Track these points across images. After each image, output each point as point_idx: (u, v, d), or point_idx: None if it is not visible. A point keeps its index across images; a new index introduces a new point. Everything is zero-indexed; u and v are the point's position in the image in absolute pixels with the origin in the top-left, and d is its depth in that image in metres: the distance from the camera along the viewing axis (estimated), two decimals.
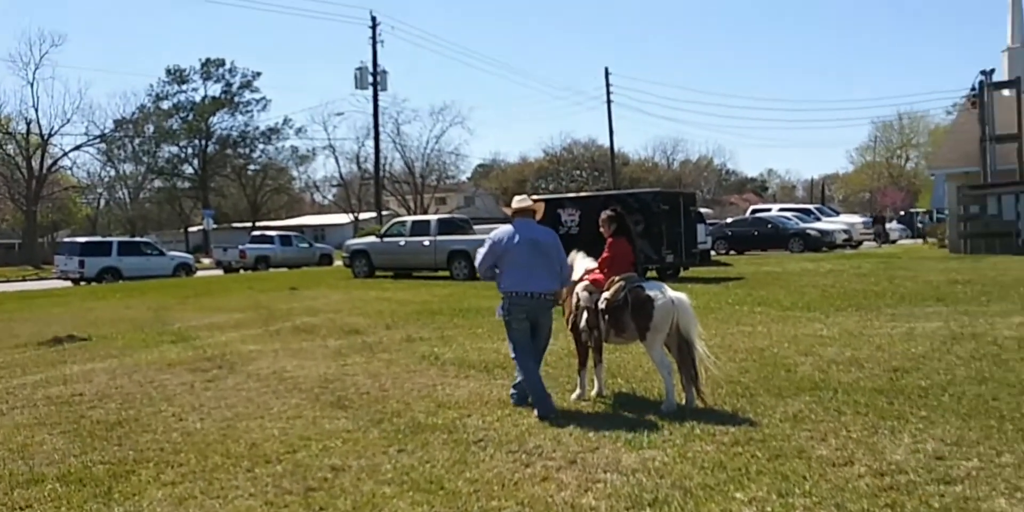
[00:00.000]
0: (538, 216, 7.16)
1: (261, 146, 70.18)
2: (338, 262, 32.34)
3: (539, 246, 6.80)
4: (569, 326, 7.17)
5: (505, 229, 6.96)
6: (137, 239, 42.09)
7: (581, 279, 7.06)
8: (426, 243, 23.61)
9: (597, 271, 6.99)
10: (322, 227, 71.72)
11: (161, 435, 6.31)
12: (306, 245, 39.38)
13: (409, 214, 56.00)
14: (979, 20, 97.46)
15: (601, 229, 7.17)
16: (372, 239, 25.89)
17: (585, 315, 6.88)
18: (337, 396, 7.44)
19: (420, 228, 24.32)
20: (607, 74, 50.54)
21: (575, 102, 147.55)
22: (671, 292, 6.59)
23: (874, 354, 8.43)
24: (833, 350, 8.75)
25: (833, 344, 9.18)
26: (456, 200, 75.01)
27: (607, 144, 54.80)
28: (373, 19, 41.58)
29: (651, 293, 6.57)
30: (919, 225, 41.46)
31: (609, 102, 50.25)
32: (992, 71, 26.67)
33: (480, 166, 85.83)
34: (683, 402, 6.52)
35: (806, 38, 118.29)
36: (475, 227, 27.26)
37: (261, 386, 8.05)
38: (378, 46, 41.48)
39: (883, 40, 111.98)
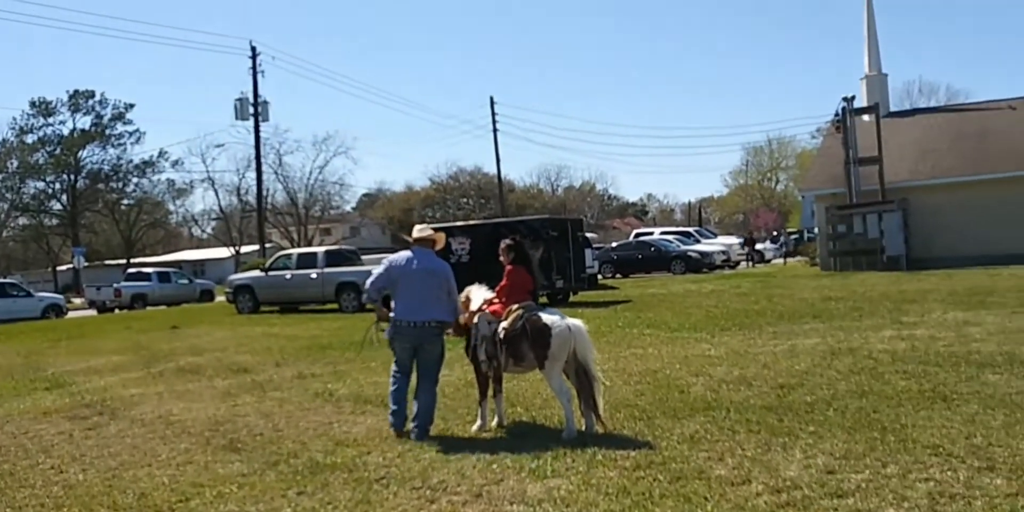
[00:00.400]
0: (439, 246, 7.24)
1: (135, 180, 67.38)
2: (220, 298, 31.22)
3: (433, 276, 6.93)
4: (469, 356, 7.14)
5: (403, 255, 7.07)
6: (1, 280, 39.48)
7: (480, 309, 7.04)
8: (313, 276, 23.11)
9: (497, 301, 7.00)
10: (202, 262, 69.27)
11: (40, 489, 5.89)
12: (186, 281, 37.90)
13: (293, 246, 54.72)
14: (841, 50, 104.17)
15: (501, 258, 7.19)
16: (256, 273, 25.15)
17: (484, 345, 6.87)
18: (229, 439, 7.13)
19: (307, 260, 23.80)
20: (492, 103, 51.22)
21: (461, 131, 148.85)
22: (568, 319, 6.65)
23: (761, 372, 8.73)
24: (722, 370, 9.02)
25: (722, 364, 9.46)
26: (341, 231, 73.89)
27: (493, 172, 55.37)
28: (253, 49, 40.80)
29: (548, 321, 6.61)
30: (780, 246, 43.49)
31: (495, 130, 50.88)
32: (853, 98, 28.47)
33: (365, 196, 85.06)
34: (583, 428, 6.56)
35: (681, 66, 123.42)
36: (363, 258, 26.89)
37: (147, 432, 7.64)
38: (259, 76, 40.68)
39: (753, 69, 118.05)
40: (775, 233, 56.58)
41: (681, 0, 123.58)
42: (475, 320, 7.02)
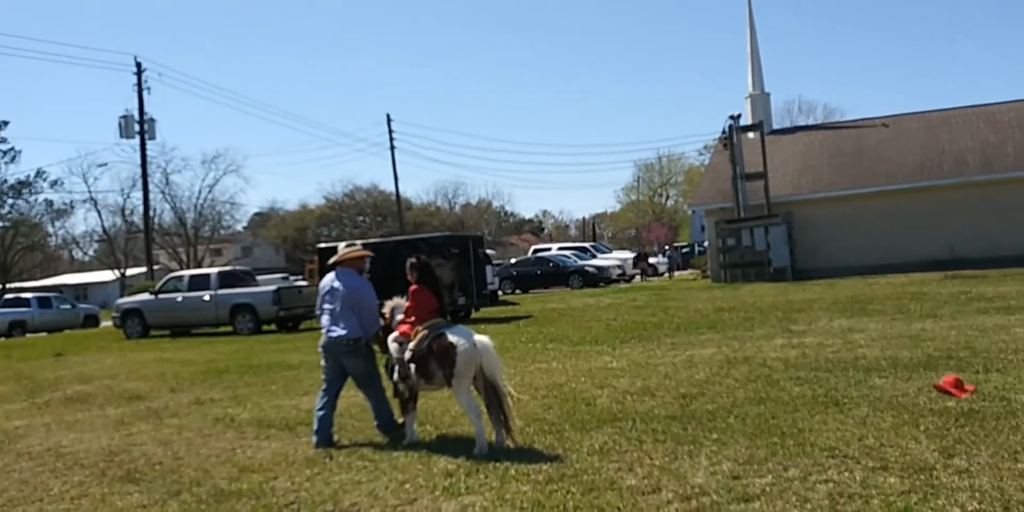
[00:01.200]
0: (357, 265, 7.63)
1: (10, 201, 63.50)
2: (107, 323, 29.81)
3: (344, 293, 7.23)
4: (388, 375, 7.20)
5: (329, 276, 7.53)
6: None
7: (396, 329, 7.07)
8: (206, 298, 22.35)
9: (406, 321, 6.98)
10: (84, 286, 65.92)
11: None
12: (68, 306, 35.96)
13: (182, 268, 52.75)
14: (728, 69, 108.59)
15: (408, 277, 7.17)
16: (145, 296, 24.14)
17: (398, 366, 6.88)
18: (126, 469, 6.79)
19: (199, 282, 23.00)
20: (389, 120, 50.91)
21: (356, 149, 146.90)
22: (474, 337, 6.66)
23: (663, 382, 8.94)
24: (625, 381, 9.19)
25: (624, 375, 9.64)
26: (233, 251, 71.74)
27: (390, 189, 55.04)
28: (138, 65, 39.36)
29: (453, 339, 6.62)
30: (664, 259, 44.73)
31: (393, 148, 50.56)
32: (739, 115, 29.69)
33: (258, 215, 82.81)
34: (494, 444, 6.57)
35: (573, 84, 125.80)
36: (258, 278, 26.20)
37: (35, 465, 7.20)
38: (144, 93, 39.22)
39: (643, 87, 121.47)
40: (665, 248, 58.25)
41: (574, 18, 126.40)
42: (389, 341, 7.02)
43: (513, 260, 38.75)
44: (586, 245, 44.33)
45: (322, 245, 24.46)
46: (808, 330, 12.72)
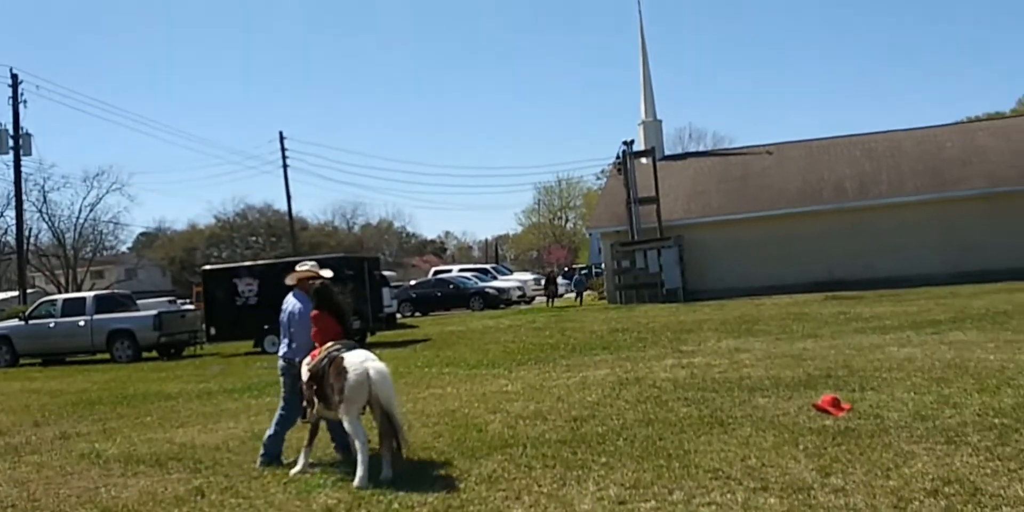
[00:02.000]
0: (301, 284, 7.40)
1: None
2: None
3: (286, 316, 7.32)
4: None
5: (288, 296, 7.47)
6: None
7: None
8: (81, 323, 21.17)
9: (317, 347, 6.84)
10: None
11: None
12: None
13: (60, 291, 49.99)
14: (622, 96, 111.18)
15: (312, 302, 7.07)
16: (14, 322, 22.66)
17: (304, 390, 6.82)
18: None
19: (73, 307, 21.77)
20: (282, 138, 49.83)
21: (248, 166, 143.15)
22: (370, 362, 6.46)
23: (555, 405, 8.89)
24: (519, 405, 9.10)
25: (518, 399, 9.55)
26: (116, 273, 68.45)
27: (284, 208, 53.66)
28: (14, 77, 37.17)
29: (348, 362, 6.41)
30: (565, 281, 45.29)
31: (285, 166, 49.48)
32: (632, 141, 30.37)
33: (143, 235, 79.43)
34: (387, 473, 6.33)
35: (476, 106, 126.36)
36: (140, 302, 25.04)
37: None
38: (20, 106, 37.13)
39: (543, 112, 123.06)
40: (566, 269, 58.91)
41: (474, 43, 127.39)
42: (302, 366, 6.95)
43: (413, 282, 38.31)
44: (487, 267, 44.35)
45: (208, 268, 23.58)
46: (697, 350, 12.96)
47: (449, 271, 40.73)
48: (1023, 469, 5.20)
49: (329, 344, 6.71)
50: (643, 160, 30.30)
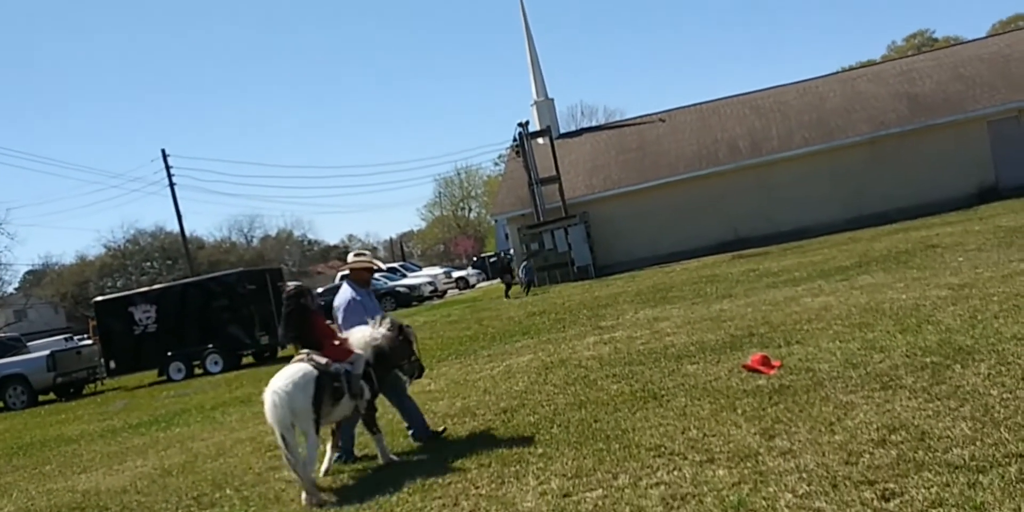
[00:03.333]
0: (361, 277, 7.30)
1: None
2: None
3: (340, 311, 7.16)
4: None
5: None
6: None
7: None
8: None
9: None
10: None
11: None
12: None
13: None
14: (512, 77, 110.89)
15: None
16: None
17: None
18: None
19: None
20: (165, 156, 47.64)
21: (131, 189, 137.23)
22: (275, 383, 6.11)
23: (483, 399, 8.53)
24: (445, 404, 8.70)
25: (443, 397, 9.15)
26: (3, 316, 64.59)
27: (177, 229, 51.47)
28: None
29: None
30: (474, 272, 45.04)
31: (172, 185, 47.38)
32: (527, 122, 30.11)
33: (30, 273, 75.23)
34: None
35: (358, 102, 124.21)
36: (34, 343, 23.50)
37: None
38: None
39: (433, 101, 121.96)
40: (475, 259, 58.62)
41: (351, 34, 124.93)
42: None
43: (320, 289, 37.23)
44: (395, 265, 43.59)
45: (100, 299, 22.25)
46: (617, 324, 12.79)
47: None
48: (963, 406, 5.09)
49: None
50: (540, 140, 30.12)
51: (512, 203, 30.72)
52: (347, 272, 7.45)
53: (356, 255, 7.43)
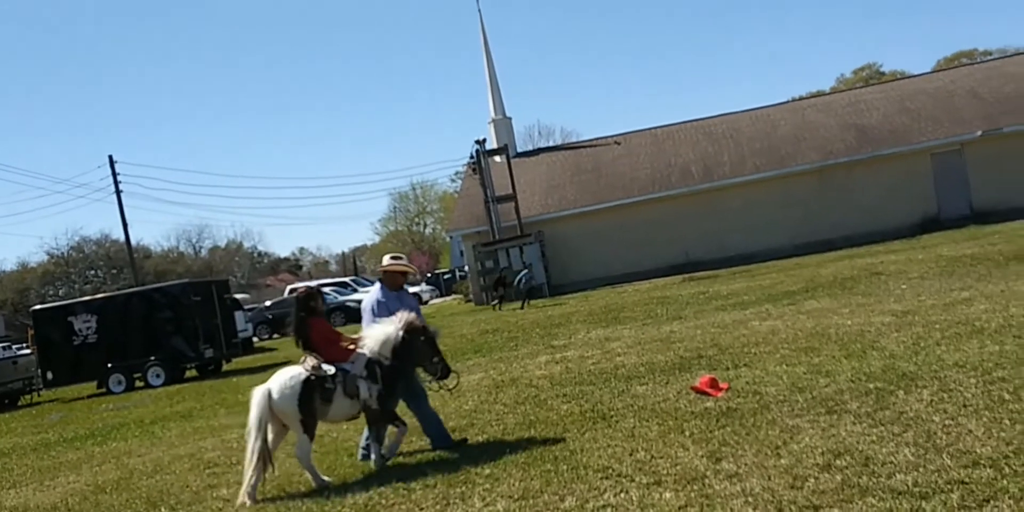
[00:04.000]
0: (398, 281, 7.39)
1: None
2: None
3: (368, 312, 7.22)
4: None
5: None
6: None
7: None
8: None
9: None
10: None
11: None
12: None
13: None
14: (471, 95, 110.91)
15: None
16: None
17: None
18: None
19: None
20: (112, 163, 46.65)
21: (77, 195, 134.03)
22: (270, 382, 6.51)
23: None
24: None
25: None
26: None
27: (123, 238, 50.35)
28: None
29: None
30: (427, 288, 44.94)
31: (119, 192, 46.37)
32: (484, 140, 30.17)
33: None
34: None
35: (315, 114, 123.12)
36: None
37: None
38: None
39: (391, 116, 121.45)
40: (429, 275, 58.36)
41: (312, 49, 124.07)
42: None
43: (268, 302, 36.70)
44: (346, 280, 43.14)
45: (38, 307, 21.59)
46: (569, 344, 12.79)
47: None
48: (907, 432, 5.16)
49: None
50: (497, 158, 30.19)
51: (468, 220, 30.69)
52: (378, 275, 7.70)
53: (393, 258, 7.50)
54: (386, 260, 7.49)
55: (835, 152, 27.36)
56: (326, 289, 36.64)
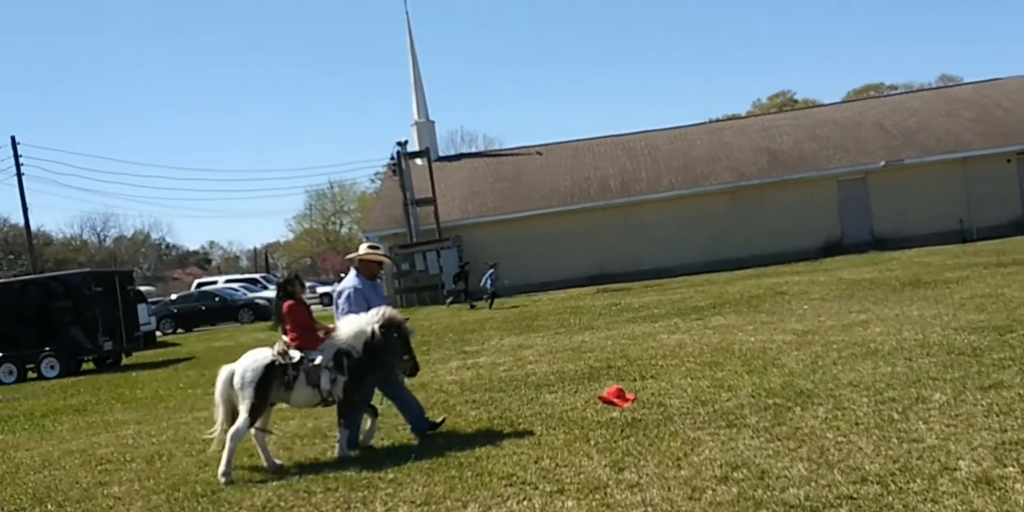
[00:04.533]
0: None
1: None
2: None
3: (343, 297, 7.25)
4: None
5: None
6: None
7: None
8: None
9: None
10: None
11: None
12: None
13: None
14: (394, 96, 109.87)
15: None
16: None
17: None
18: None
19: None
20: (15, 144, 44.47)
21: None
22: (241, 360, 6.66)
23: (335, 420, 8.22)
24: (295, 423, 8.42)
25: (295, 416, 8.83)
26: None
27: (22, 222, 48.04)
28: None
29: None
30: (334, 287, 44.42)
31: (20, 174, 44.23)
32: (406, 142, 29.98)
33: None
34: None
35: (236, 107, 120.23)
36: None
37: None
38: None
39: (313, 113, 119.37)
40: (341, 275, 57.51)
41: (232, 39, 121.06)
42: None
43: (174, 296, 35.56)
44: (256, 276, 42.18)
45: None
46: (481, 350, 12.82)
47: (214, 283, 38.28)
48: (801, 448, 5.35)
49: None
50: (418, 161, 30.05)
51: (386, 221, 30.44)
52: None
53: (370, 247, 7.51)
54: (363, 248, 7.49)
55: (747, 174, 28.25)
56: (234, 285, 35.81)
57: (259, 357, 6.58)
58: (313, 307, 30.68)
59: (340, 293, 7.26)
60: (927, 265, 18.20)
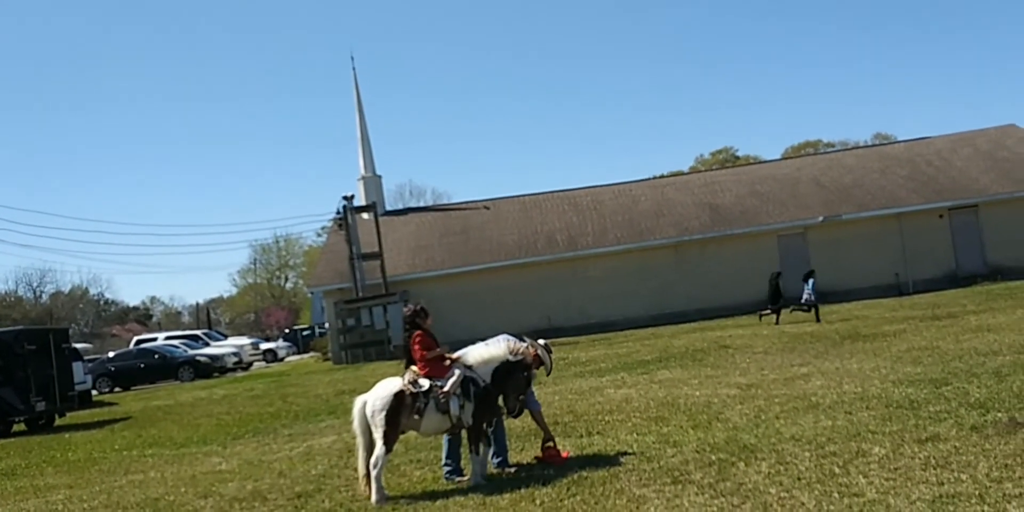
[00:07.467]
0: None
1: None
2: None
3: None
4: None
5: None
6: None
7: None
8: None
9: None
10: None
11: None
12: None
13: None
14: (341, 151, 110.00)
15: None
16: None
17: None
18: None
19: None
20: None
21: None
22: (374, 391, 6.91)
23: (277, 482, 8.09)
24: (234, 486, 8.18)
25: (234, 478, 8.61)
26: None
27: None
28: None
29: None
30: (284, 344, 43.93)
31: None
32: (352, 196, 29.94)
33: None
34: None
35: (172, 158, 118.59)
36: None
37: None
38: None
39: (256, 165, 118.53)
40: (287, 331, 56.59)
41: (181, 94, 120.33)
42: None
43: (112, 353, 34.55)
44: (197, 333, 41.29)
45: None
46: None
47: (154, 340, 37.34)
48: (745, 504, 5.37)
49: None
50: (364, 215, 29.99)
51: (331, 276, 30.19)
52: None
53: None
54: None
55: (690, 229, 28.80)
56: (174, 342, 34.97)
57: (389, 386, 6.86)
58: (257, 364, 30.43)
59: None
60: (865, 318, 18.65)
